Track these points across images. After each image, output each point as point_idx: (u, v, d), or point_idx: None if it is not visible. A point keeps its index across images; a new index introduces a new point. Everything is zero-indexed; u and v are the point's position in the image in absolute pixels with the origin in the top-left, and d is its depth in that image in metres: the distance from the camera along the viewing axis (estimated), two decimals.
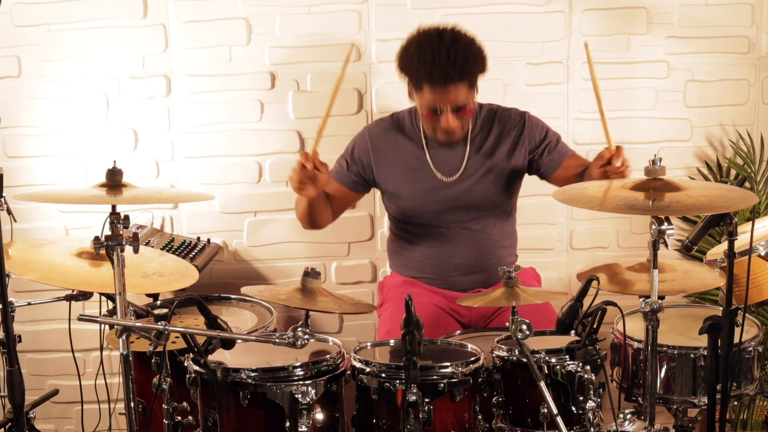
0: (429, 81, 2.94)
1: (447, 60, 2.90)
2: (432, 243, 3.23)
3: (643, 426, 2.65)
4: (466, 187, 3.16)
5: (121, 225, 2.49)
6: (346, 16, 3.56)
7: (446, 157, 3.17)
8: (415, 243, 3.26)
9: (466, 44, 2.96)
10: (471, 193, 3.16)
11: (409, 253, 3.29)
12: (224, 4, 3.54)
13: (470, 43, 2.98)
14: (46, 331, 3.66)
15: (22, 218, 3.47)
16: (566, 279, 3.74)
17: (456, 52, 2.92)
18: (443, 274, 3.23)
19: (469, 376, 2.55)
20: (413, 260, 3.28)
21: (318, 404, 2.49)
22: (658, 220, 2.46)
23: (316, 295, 2.72)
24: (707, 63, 3.68)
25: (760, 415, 3.68)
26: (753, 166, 3.69)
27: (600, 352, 2.61)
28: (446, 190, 3.17)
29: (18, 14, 3.51)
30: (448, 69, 2.91)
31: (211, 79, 3.59)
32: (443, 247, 3.21)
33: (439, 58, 2.91)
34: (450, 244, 3.21)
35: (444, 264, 3.23)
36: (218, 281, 3.67)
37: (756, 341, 2.85)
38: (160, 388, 2.56)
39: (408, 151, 3.20)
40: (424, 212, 3.20)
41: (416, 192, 3.18)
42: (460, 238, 3.20)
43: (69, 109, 3.57)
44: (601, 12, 3.61)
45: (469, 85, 2.98)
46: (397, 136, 3.21)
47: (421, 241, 3.25)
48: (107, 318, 2.72)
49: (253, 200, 3.67)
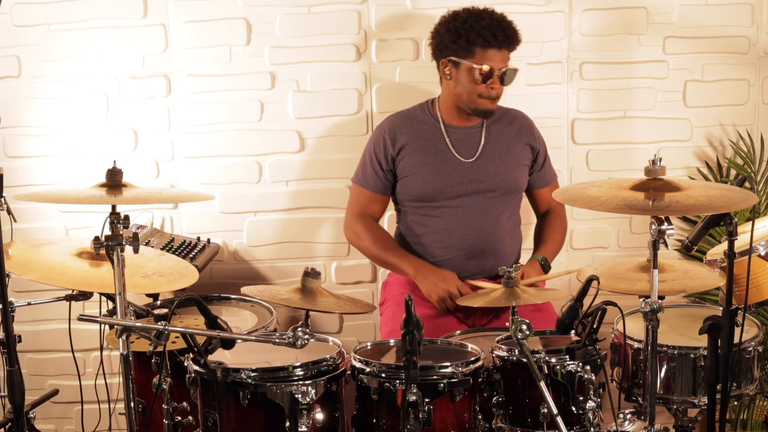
0: (485, 44, 3.10)
1: (505, 24, 3.13)
2: (445, 224, 3.26)
3: (643, 426, 2.65)
4: (482, 168, 3.23)
5: (121, 225, 2.49)
6: (346, 16, 3.56)
7: (464, 139, 3.26)
8: (428, 226, 3.28)
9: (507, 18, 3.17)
10: (487, 173, 3.23)
11: (418, 239, 3.31)
12: (224, 4, 3.54)
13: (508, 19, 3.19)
14: (46, 331, 3.66)
15: (22, 218, 3.47)
16: (566, 279, 3.74)
17: (508, 22, 3.15)
18: (451, 257, 3.25)
19: (469, 376, 2.55)
20: (422, 246, 3.30)
21: (318, 404, 2.49)
22: (658, 220, 2.46)
23: (316, 295, 2.72)
24: (707, 63, 3.68)
25: (760, 415, 3.68)
26: (753, 166, 3.69)
27: (600, 352, 2.61)
28: (464, 170, 3.23)
29: (18, 14, 3.51)
30: (507, 32, 3.13)
31: (211, 79, 3.59)
32: (456, 229, 3.25)
33: (496, 22, 3.11)
34: (463, 225, 3.25)
35: (453, 246, 3.25)
36: (218, 281, 3.67)
37: (756, 341, 2.85)
38: (160, 388, 2.56)
39: (425, 135, 3.27)
40: (442, 192, 3.24)
41: (434, 172, 3.24)
42: (474, 220, 3.25)
43: (69, 109, 3.57)
44: (601, 12, 3.61)
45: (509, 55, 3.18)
46: (412, 124, 3.29)
47: (433, 223, 3.27)
48: (107, 318, 2.72)
49: (253, 200, 3.67)
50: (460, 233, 3.24)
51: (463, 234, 3.24)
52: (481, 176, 3.23)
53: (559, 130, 3.66)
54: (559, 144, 3.66)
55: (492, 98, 3.17)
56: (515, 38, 3.15)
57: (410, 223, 3.32)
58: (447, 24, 3.16)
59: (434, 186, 3.23)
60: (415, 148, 3.26)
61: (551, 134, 3.61)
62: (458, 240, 3.24)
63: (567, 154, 3.69)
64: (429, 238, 3.28)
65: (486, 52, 3.10)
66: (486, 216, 3.25)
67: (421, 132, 3.27)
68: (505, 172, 3.26)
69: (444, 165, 3.23)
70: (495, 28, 3.09)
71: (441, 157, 3.24)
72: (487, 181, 3.23)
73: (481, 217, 3.24)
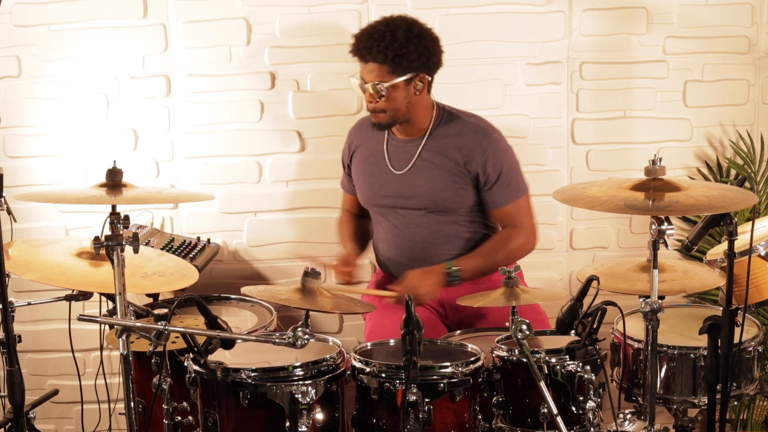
0: (354, 54, 3.07)
1: (369, 36, 3.03)
2: (384, 232, 3.28)
3: (643, 426, 2.65)
4: (409, 184, 3.18)
5: (121, 225, 2.49)
6: (346, 16, 3.56)
7: (400, 152, 3.22)
8: (378, 231, 3.33)
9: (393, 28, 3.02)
10: (413, 189, 3.18)
11: (377, 243, 3.36)
12: (224, 4, 3.54)
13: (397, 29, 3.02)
14: (46, 331, 3.66)
15: (22, 218, 3.47)
16: (566, 279, 3.74)
17: (379, 34, 3.01)
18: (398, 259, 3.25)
19: (469, 376, 2.55)
20: (377, 246, 3.35)
21: (318, 404, 2.50)
22: (658, 220, 2.46)
23: (316, 295, 2.72)
24: (707, 63, 3.67)
25: (760, 415, 3.68)
26: (753, 166, 3.69)
27: (600, 352, 2.61)
28: (393, 183, 3.22)
29: (18, 14, 3.51)
30: (367, 43, 3.02)
31: (211, 79, 3.59)
32: (392, 239, 3.25)
33: (365, 34, 3.05)
34: (398, 236, 3.23)
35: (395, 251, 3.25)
36: (218, 281, 3.67)
37: (756, 341, 2.85)
38: (160, 388, 2.56)
39: (371, 144, 3.29)
40: (374, 201, 3.28)
41: (368, 182, 3.28)
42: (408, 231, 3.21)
43: (69, 109, 3.57)
44: (601, 12, 3.61)
45: (388, 69, 3.02)
46: (369, 133, 3.29)
47: (378, 228, 3.32)
48: (107, 318, 2.72)
49: (253, 200, 3.67)
50: (396, 243, 3.24)
51: (399, 244, 3.23)
52: (408, 192, 3.18)
53: (559, 130, 3.66)
54: (559, 144, 3.66)
55: (369, 110, 3.12)
56: (372, 51, 3.00)
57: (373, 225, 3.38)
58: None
59: (367, 195, 3.29)
60: (360, 155, 3.32)
61: (551, 134, 3.61)
62: (396, 248, 3.24)
63: (567, 154, 3.69)
64: (379, 241, 3.33)
65: (361, 65, 3.08)
66: (422, 230, 3.19)
67: (370, 140, 3.29)
68: (431, 190, 3.16)
69: (378, 176, 3.24)
70: (358, 40, 3.05)
71: (377, 168, 3.24)
72: (414, 198, 3.17)
73: (415, 230, 3.20)
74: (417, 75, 3.05)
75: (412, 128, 3.17)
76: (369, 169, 3.28)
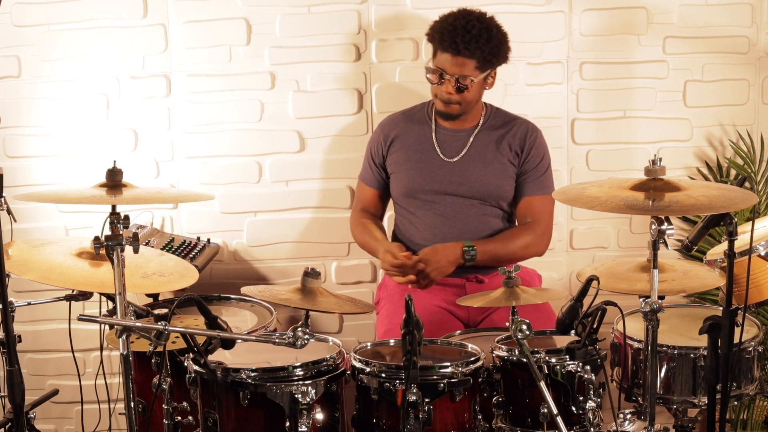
0: (439, 46, 3.13)
1: (465, 31, 3.09)
2: (429, 221, 3.28)
3: (643, 426, 2.65)
4: (462, 171, 3.25)
5: (121, 225, 2.49)
6: (346, 16, 3.56)
7: (451, 140, 3.28)
8: (414, 224, 3.31)
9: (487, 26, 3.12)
10: (466, 176, 3.25)
11: (406, 235, 3.34)
12: (224, 4, 3.54)
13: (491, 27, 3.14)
14: (46, 331, 3.66)
15: (22, 218, 3.47)
16: (566, 279, 3.74)
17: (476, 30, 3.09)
18: None
19: (469, 376, 2.55)
20: (410, 241, 3.32)
21: (318, 404, 2.49)
22: (658, 220, 2.46)
23: (316, 295, 2.72)
24: (707, 63, 3.67)
25: (760, 415, 3.68)
26: (753, 166, 3.69)
27: (600, 352, 2.61)
28: (445, 170, 3.26)
29: (18, 14, 3.51)
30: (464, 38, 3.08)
31: (211, 79, 3.59)
32: (438, 226, 3.26)
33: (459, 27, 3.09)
34: (445, 224, 3.26)
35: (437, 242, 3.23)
36: (218, 281, 3.67)
37: (756, 341, 2.85)
38: (160, 388, 2.56)
39: (415, 134, 3.32)
40: (422, 188, 3.28)
41: (416, 169, 3.28)
42: (456, 220, 3.26)
43: (69, 109, 3.57)
44: (601, 12, 3.61)
45: (477, 64, 3.11)
46: (408, 124, 3.34)
47: (418, 220, 3.30)
48: (107, 318, 2.72)
49: (253, 200, 3.67)
50: (443, 231, 3.25)
51: (445, 232, 3.25)
52: (461, 178, 3.25)
53: (559, 130, 3.66)
54: (559, 144, 3.66)
55: (443, 101, 3.18)
56: (470, 47, 3.08)
57: (401, 220, 3.36)
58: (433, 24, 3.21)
59: (414, 181, 3.29)
60: (402, 145, 3.32)
61: (551, 134, 3.60)
62: (441, 237, 3.24)
63: (567, 154, 3.69)
64: (415, 234, 3.31)
65: (442, 55, 3.13)
66: (470, 217, 3.26)
67: (412, 130, 3.32)
68: (485, 178, 3.25)
69: (427, 163, 3.28)
70: (452, 32, 3.09)
71: (425, 156, 3.28)
72: (467, 184, 3.25)
73: (464, 219, 3.25)
74: (493, 71, 3.19)
75: (466, 117, 3.26)
76: (415, 156, 3.30)
